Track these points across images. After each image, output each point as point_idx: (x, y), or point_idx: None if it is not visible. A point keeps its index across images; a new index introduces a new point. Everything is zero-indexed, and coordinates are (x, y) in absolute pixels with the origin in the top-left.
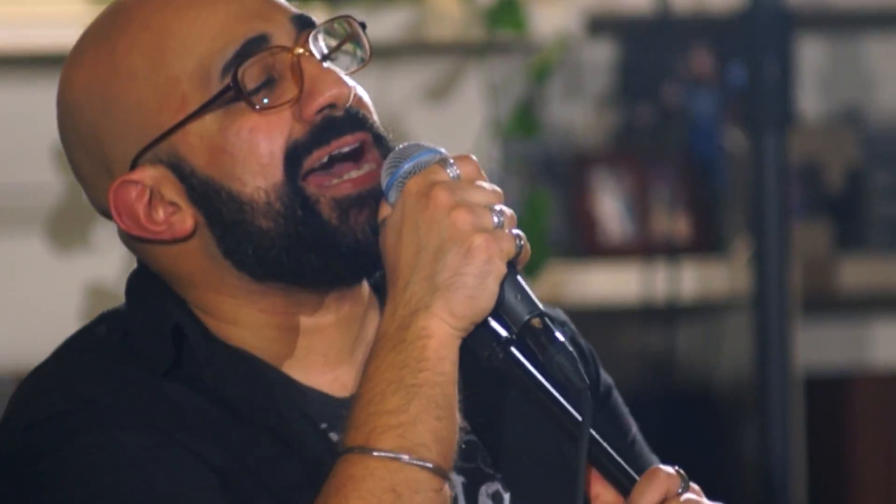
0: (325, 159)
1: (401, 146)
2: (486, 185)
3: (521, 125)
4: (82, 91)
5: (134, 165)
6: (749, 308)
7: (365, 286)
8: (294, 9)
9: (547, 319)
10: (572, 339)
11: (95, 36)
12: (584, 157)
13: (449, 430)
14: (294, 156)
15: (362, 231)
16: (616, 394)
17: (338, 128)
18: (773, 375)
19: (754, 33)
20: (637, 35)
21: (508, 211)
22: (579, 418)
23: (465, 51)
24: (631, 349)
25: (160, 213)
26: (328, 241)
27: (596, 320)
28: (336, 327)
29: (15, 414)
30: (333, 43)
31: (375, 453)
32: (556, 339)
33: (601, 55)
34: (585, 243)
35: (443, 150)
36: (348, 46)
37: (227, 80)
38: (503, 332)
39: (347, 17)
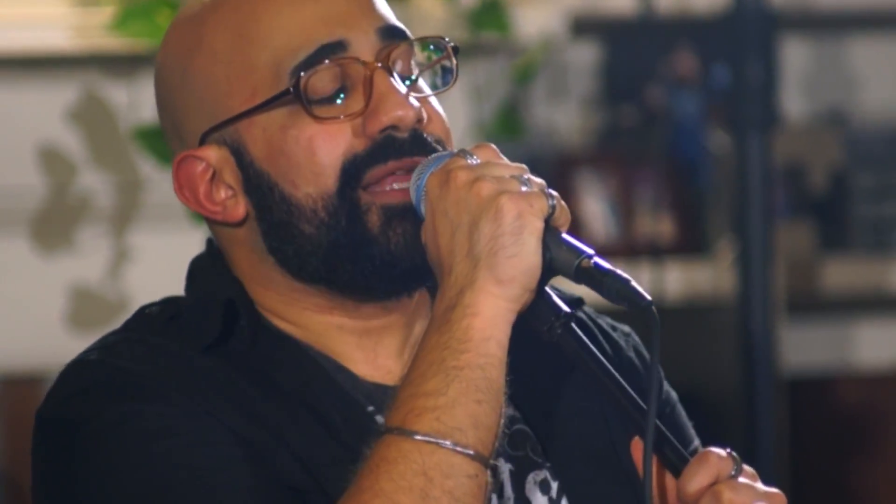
0: (385, 178)
1: (421, 164)
2: (508, 162)
3: (505, 127)
4: (170, 57)
5: (202, 142)
6: (733, 309)
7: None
8: (387, 18)
9: (597, 259)
10: (636, 351)
11: (195, 6)
12: (568, 158)
13: (489, 416)
14: (352, 168)
15: (396, 243)
16: (680, 409)
17: (397, 149)
18: (758, 376)
19: (738, 34)
20: (621, 36)
21: (537, 179)
22: (635, 395)
23: None
24: None
25: (221, 194)
26: (364, 252)
27: None
28: (386, 329)
29: (59, 384)
30: (421, 58)
31: (410, 436)
32: (608, 270)
33: (585, 57)
34: None
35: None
36: (435, 64)
37: (293, 82)
38: (564, 308)
39: (439, 39)
